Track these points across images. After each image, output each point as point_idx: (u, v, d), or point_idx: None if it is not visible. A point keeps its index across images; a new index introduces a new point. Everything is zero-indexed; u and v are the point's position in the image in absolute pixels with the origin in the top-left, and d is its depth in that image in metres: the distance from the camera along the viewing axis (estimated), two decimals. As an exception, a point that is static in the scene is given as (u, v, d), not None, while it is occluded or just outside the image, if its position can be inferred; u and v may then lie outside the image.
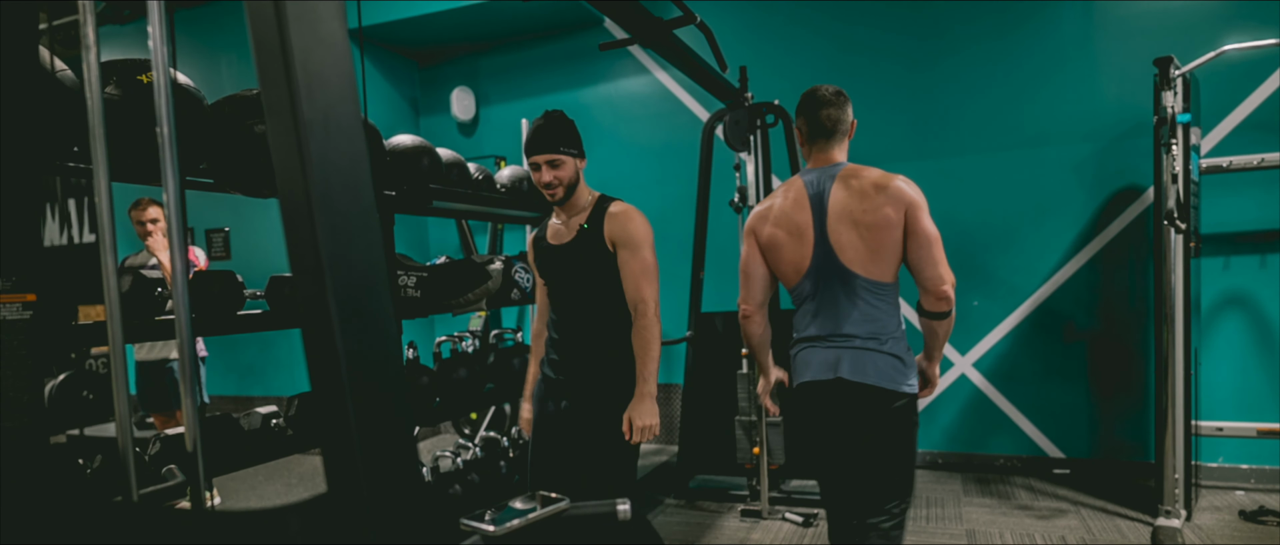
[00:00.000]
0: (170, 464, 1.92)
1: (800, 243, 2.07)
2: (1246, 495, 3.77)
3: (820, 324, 2.07)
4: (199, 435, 1.39)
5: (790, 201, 2.09)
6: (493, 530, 1.12)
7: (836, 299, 2.05)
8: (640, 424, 2.05)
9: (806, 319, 2.11)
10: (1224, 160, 3.60)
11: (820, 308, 2.08)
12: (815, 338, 2.08)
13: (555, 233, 2.29)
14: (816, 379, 2.04)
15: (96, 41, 1.30)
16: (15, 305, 1.07)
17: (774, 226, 2.11)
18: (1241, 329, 3.92)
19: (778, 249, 2.11)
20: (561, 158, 2.20)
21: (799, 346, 2.13)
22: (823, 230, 2.04)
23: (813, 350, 2.08)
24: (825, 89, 2.11)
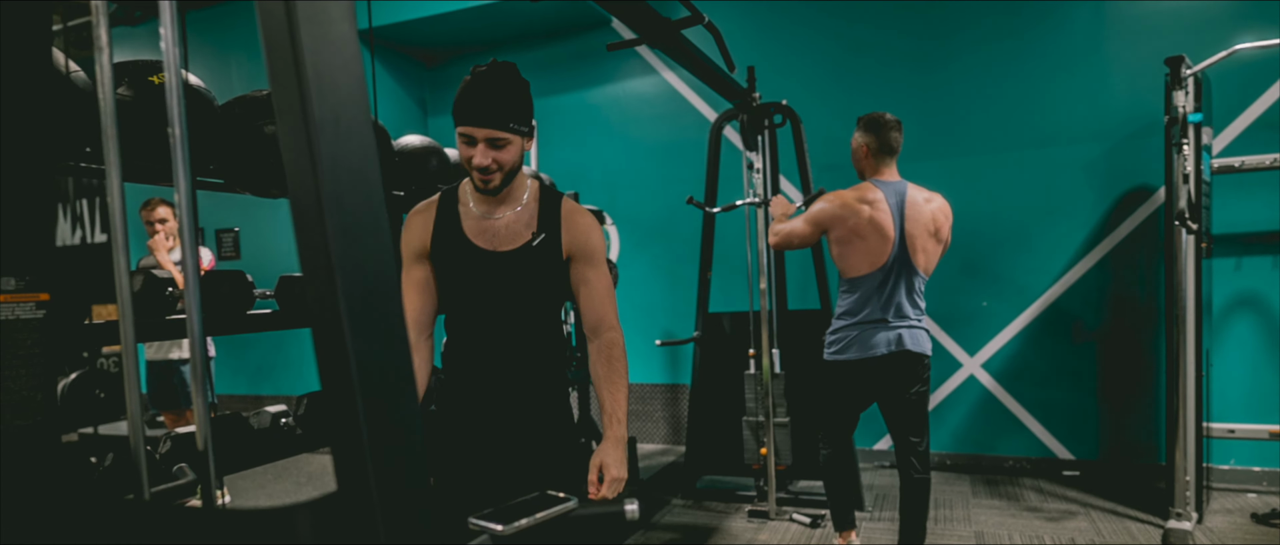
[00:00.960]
0: (181, 462, 1.93)
1: (883, 242, 2.65)
2: (1259, 498, 3.74)
3: (884, 309, 2.69)
4: (209, 434, 1.40)
5: (875, 207, 2.65)
6: (501, 529, 1.12)
7: (899, 289, 2.69)
8: (614, 475, 1.56)
9: (871, 303, 2.69)
10: (1236, 160, 3.58)
11: (886, 296, 2.68)
12: (880, 322, 2.69)
13: (481, 231, 1.68)
14: (887, 352, 2.68)
15: (109, 43, 1.31)
16: (29, 304, 1.08)
17: (862, 221, 2.64)
18: (1253, 330, 3.89)
19: (860, 239, 2.66)
20: (508, 137, 1.61)
21: (861, 326, 2.71)
22: (902, 236, 2.66)
23: (878, 331, 2.69)
24: (890, 115, 2.75)
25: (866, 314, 2.70)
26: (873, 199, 2.66)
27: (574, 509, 1.21)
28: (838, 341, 2.79)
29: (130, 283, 1.34)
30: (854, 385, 2.79)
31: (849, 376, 2.77)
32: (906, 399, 2.76)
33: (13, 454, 1.05)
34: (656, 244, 5.34)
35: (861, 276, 2.70)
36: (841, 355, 2.76)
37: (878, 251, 2.66)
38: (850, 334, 2.73)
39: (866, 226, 2.64)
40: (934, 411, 4.60)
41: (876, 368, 2.71)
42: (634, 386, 5.44)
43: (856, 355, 2.71)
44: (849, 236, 2.68)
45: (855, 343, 2.71)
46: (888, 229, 2.64)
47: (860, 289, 2.71)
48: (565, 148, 5.56)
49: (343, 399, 0.64)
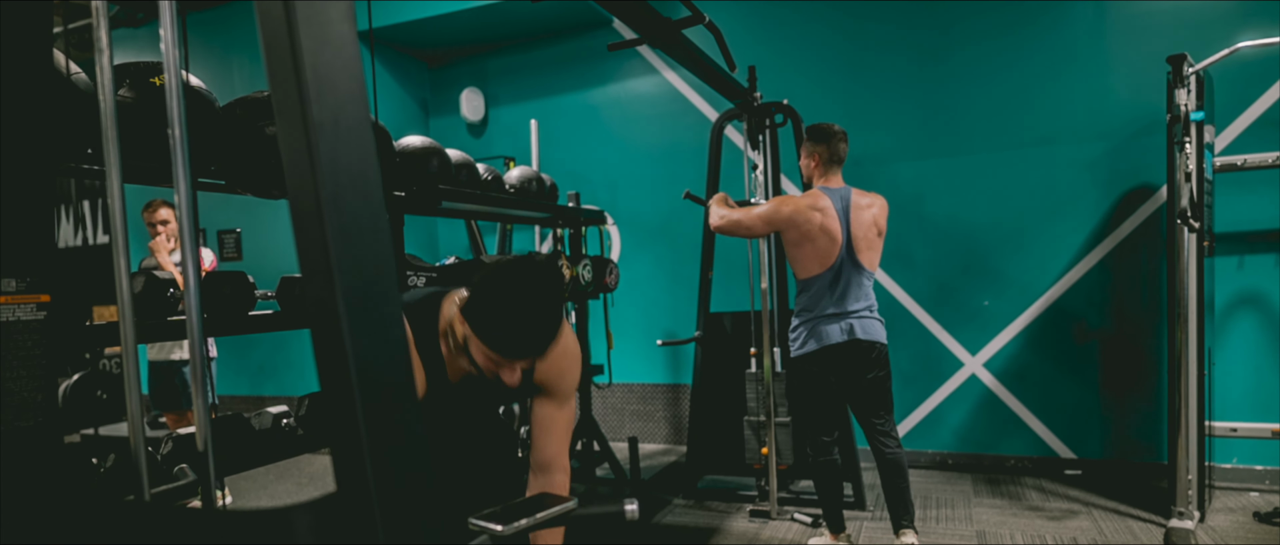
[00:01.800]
0: (182, 463, 1.93)
1: (831, 245, 2.86)
2: (1261, 497, 3.73)
3: (836, 303, 2.89)
4: (210, 435, 1.40)
5: (825, 214, 2.85)
6: (501, 529, 1.12)
7: (849, 285, 2.89)
8: None
9: (823, 299, 2.89)
10: (1238, 158, 3.57)
11: (838, 293, 2.88)
12: (833, 314, 2.89)
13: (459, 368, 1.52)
14: (841, 341, 2.87)
15: (109, 44, 1.31)
16: (30, 306, 1.08)
17: (814, 227, 2.84)
18: (1256, 329, 3.89)
19: (810, 242, 2.86)
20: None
21: (816, 320, 2.90)
22: (849, 238, 2.88)
23: (832, 323, 2.89)
24: (838, 126, 3.03)
25: (820, 309, 2.91)
26: (822, 206, 2.86)
27: (574, 509, 1.21)
28: (798, 337, 2.98)
29: (131, 284, 1.35)
30: (817, 374, 2.94)
31: (812, 367, 2.94)
32: (864, 383, 2.93)
33: (14, 455, 1.05)
34: (658, 244, 5.34)
35: (813, 276, 2.91)
36: (803, 349, 2.95)
37: (827, 253, 2.87)
38: (807, 329, 2.94)
39: (817, 231, 2.85)
40: (936, 411, 4.60)
41: (833, 355, 2.89)
42: (636, 386, 5.44)
43: (815, 346, 2.91)
44: (801, 240, 2.88)
45: (813, 335, 2.92)
46: (836, 233, 2.86)
47: (812, 287, 2.92)
48: (566, 147, 5.57)
49: (342, 399, 0.64)
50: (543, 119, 5.55)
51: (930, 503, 3.88)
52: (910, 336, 4.62)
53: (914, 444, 4.65)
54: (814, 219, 2.85)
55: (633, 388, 5.44)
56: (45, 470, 1.09)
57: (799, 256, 2.93)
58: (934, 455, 4.59)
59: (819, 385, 2.97)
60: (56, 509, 0.87)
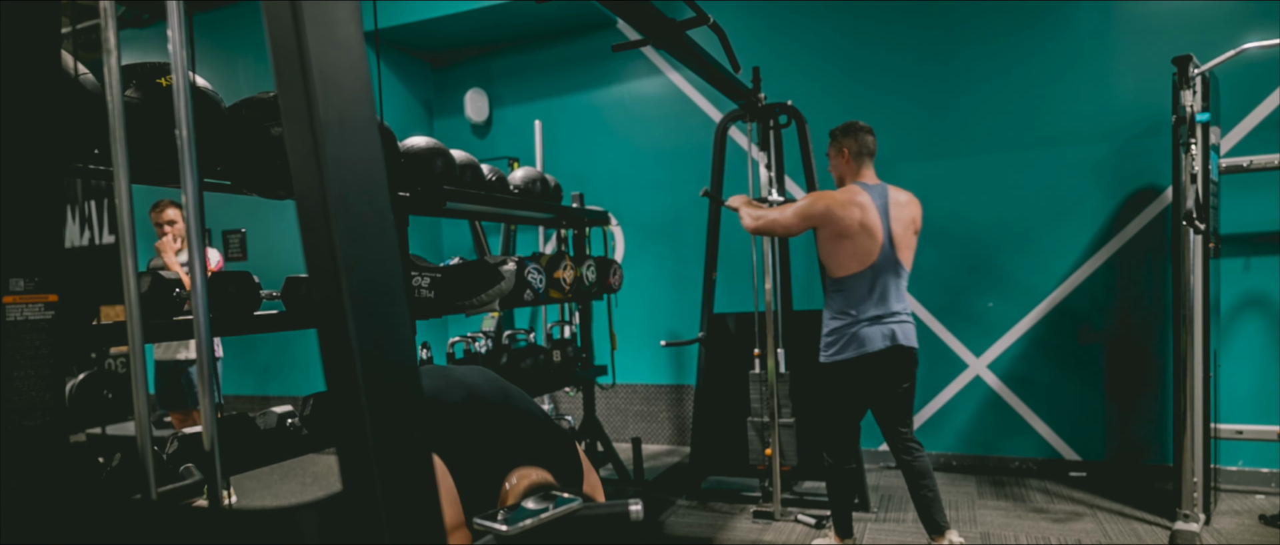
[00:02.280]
0: (188, 462, 1.94)
1: (872, 242, 2.75)
2: (1266, 499, 3.72)
3: (878, 304, 2.78)
4: (216, 434, 1.41)
5: (864, 210, 2.75)
6: (505, 530, 1.12)
7: (889, 286, 2.80)
8: None
9: (863, 300, 2.78)
10: (1244, 160, 3.56)
11: (878, 293, 2.78)
12: (875, 318, 2.77)
13: None
14: (884, 347, 2.76)
15: (117, 45, 1.32)
16: (37, 305, 1.09)
17: (853, 223, 2.73)
18: (1262, 330, 3.87)
19: (849, 239, 2.76)
20: None
21: (856, 324, 2.79)
22: (890, 236, 2.78)
23: (873, 327, 2.77)
24: (862, 122, 2.93)
25: (860, 311, 2.79)
26: (862, 202, 2.76)
27: (578, 509, 1.21)
28: (835, 342, 2.85)
29: (138, 284, 1.35)
30: (854, 383, 2.84)
31: (849, 375, 2.84)
32: (899, 391, 2.85)
33: (21, 454, 1.06)
34: (661, 244, 5.34)
35: (850, 275, 2.80)
36: (840, 355, 2.83)
37: (867, 251, 2.76)
38: (846, 334, 2.81)
39: (856, 228, 2.74)
40: (940, 412, 4.59)
41: (873, 363, 2.79)
42: (639, 387, 5.44)
43: (855, 353, 2.79)
44: (837, 236, 2.78)
45: (852, 342, 2.80)
46: (877, 230, 2.75)
47: (848, 288, 2.81)
48: (571, 148, 5.57)
49: (348, 399, 0.64)
50: (547, 120, 5.56)
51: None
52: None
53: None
54: (852, 214, 2.74)
55: (636, 388, 5.44)
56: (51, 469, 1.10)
57: (835, 253, 2.82)
58: (938, 457, 4.58)
59: (854, 393, 2.87)
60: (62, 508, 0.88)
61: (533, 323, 5.71)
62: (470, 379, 1.58)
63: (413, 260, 2.82)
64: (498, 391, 1.57)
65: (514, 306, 3.32)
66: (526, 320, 5.74)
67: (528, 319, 5.74)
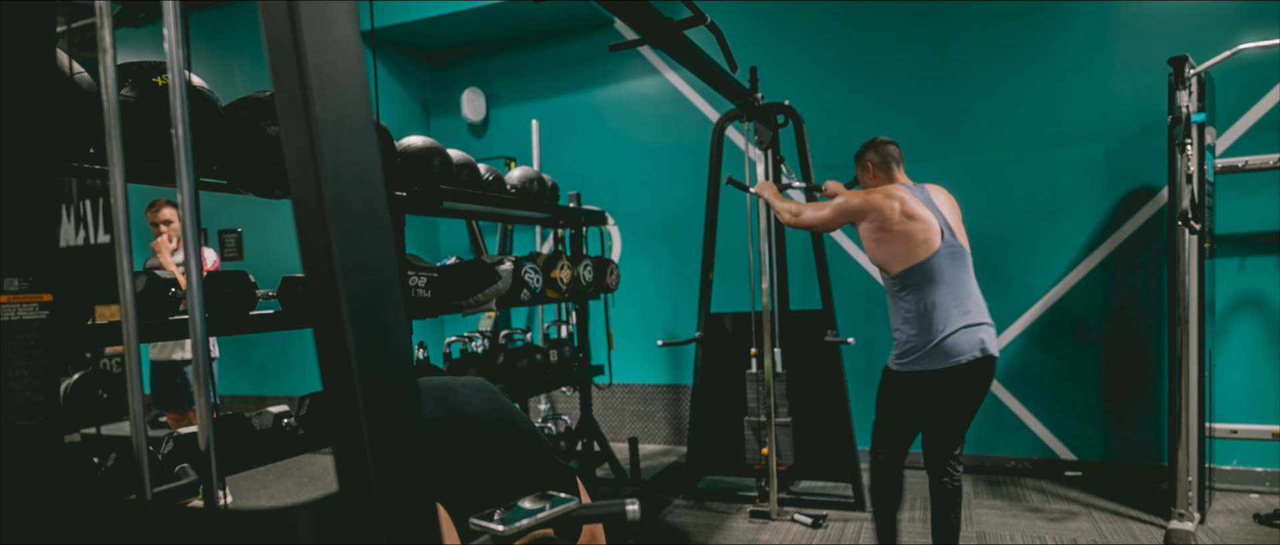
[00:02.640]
0: (183, 463, 1.93)
1: (925, 228, 2.51)
2: (1261, 498, 3.73)
3: (961, 303, 2.49)
4: (212, 434, 1.40)
5: (904, 200, 2.54)
6: (502, 530, 1.12)
7: (966, 276, 2.55)
8: None
9: (944, 301, 2.48)
10: (1239, 160, 3.57)
11: (960, 287, 2.51)
12: (966, 326, 2.47)
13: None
14: (973, 359, 2.45)
15: (113, 44, 1.32)
16: (32, 305, 1.08)
17: (896, 213, 2.52)
18: (1257, 330, 3.89)
19: (898, 230, 2.51)
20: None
21: (942, 331, 2.45)
22: (944, 221, 2.56)
23: (963, 335, 2.46)
24: (882, 137, 2.80)
25: (945, 313, 2.47)
26: (900, 194, 2.56)
27: (575, 510, 1.21)
28: (915, 350, 2.51)
29: (133, 283, 1.35)
30: (931, 397, 2.53)
31: (925, 388, 2.51)
32: (971, 407, 2.56)
33: (16, 454, 1.05)
34: (658, 244, 5.34)
35: (913, 267, 2.50)
36: (917, 366, 2.50)
37: (924, 239, 2.50)
38: (927, 339, 2.48)
39: (899, 217, 2.51)
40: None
41: (960, 376, 2.45)
42: (636, 387, 5.44)
43: (937, 364, 2.46)
44: (881, 229, 2.55)
45: (935, 351, 2.46)
46: (926, 216, 2.53)
47: (917, 284, 2.51)
48: (568, 148, 5.57)
49: (344, 399, 0.64)
50: (544, 119, 5.56)
51: (929, 504, 3.87)
52: (911, 337, 4.62)
53: (914, 445, 4.65)
54: (892, 205, 2.52)
55: (633, 388, 5.44)
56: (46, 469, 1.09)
57: (886, 246, 2.55)
58: (934, 456, 4.59)
59: (928, 408, 2.57)
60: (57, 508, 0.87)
61: (530, 322, 5.70)
62: (473, 407, 1.53)
63: (409, 260, 2.82)
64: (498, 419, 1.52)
65: (511, 306, 3.32)
66: (523, 320, 5.73)
67: (525, 319, 5.74)
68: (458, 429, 1.47)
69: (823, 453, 3.89)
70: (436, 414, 1.49)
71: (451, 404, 1.52)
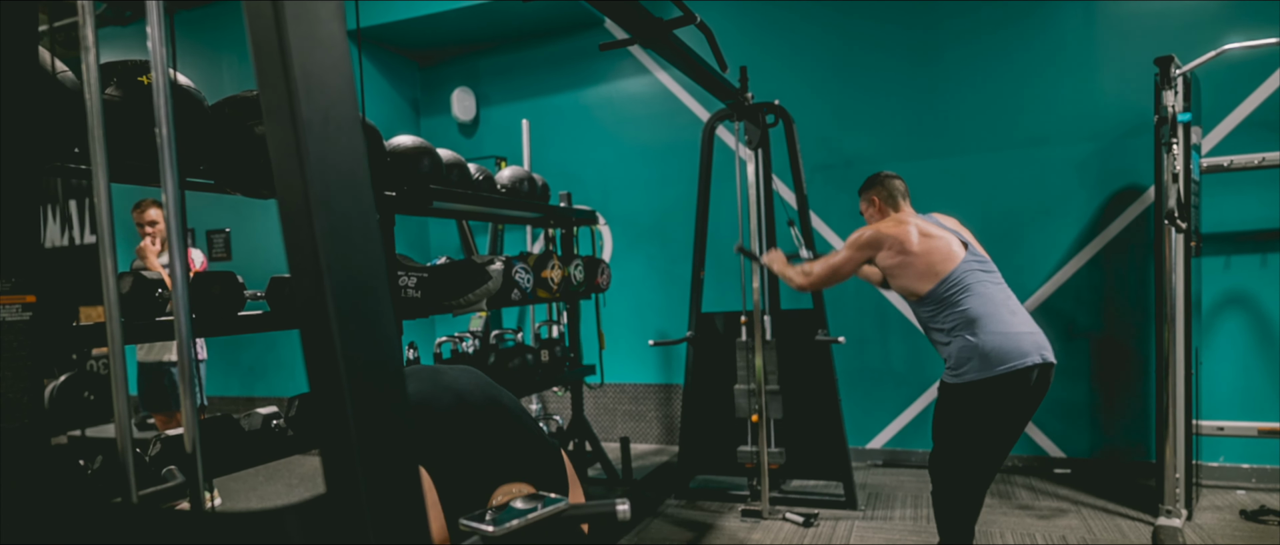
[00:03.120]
0: (170, 465, 1.92)
1: (943, 244, 2.45)
2: (1247, 494, 3.77)
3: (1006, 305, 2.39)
4: (198, 436, 1.39)
5: (915, 224, 2.50)
6: (492, 530, 1.12)
7: (1000, 288, 2.44)
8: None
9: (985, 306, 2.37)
10: (1225, 159, 3.60)
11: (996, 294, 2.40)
12: (1020, 333, 2.34)
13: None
14: (1041, 362, 2.32)
15: (96, 43, 1.30)
16: (15, 306, 1.07)
17: (905, 239, 2.47)
18: (1242, 328, 3.92)
19: (916, 252, 2.45)
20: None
21: (996, 334, 2.33)
22: (961, 237, 2.52)
23: (1020, 339, 2.32)
24: (886, 171, 2.77)
25: (993, 316, 2.36)
26: (909, 220, 2.54)
27: (565, 510, 1.21)
28: (969, 357, 2.35)
29: (118, 284, 1.34)
30: (1001, 407, 2.35)
31: (989, 397, 2.33)
32: (1026, 423, 2.45)
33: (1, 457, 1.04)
34: (650, 243, 5.34)
35: (943, 280, 2.42)
36: (978, 373, 2.32)
37: (945, 254, 2.44)
38: (982, 343, 2.32)
39: (916, 238, 2.46)
40: (926, 410, 4.62)
41: (1022, 384, 2.30)
42: (627, 387, 5.44)
43: (998, 368, 2.29)
44: (905, 249, 2.47)
45: (994, 353, 2.31)
46: (941, 232, 2.49)
47: (953, 297, 2.40)
48: (558, 148, 5.56)
49: (331, 400, 0.63)
50: (534, 119, 5.54)
51: (922, 502, 3.89)
52: (900, 336, 4.64)
53: (905, 444, 4.67)
54: (905, 230, 2.47)
55: (624, 388, 5.44)
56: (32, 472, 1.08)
57: (910, 270, 2.47)
58: (924, 455, 4.61)
59: (1000, 422, 2.39)
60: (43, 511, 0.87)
61: (520, 322, 5.69)
62: (459, 384, 1.56)
63: (399, 260, 2.81)
64: (486, 398, 1.55)
65: (501, 306, 3.31)
66: (514, 320, 5.72)
67: (515, 319, 5.72)
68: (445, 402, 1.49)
69: (814, 452, 3.90)
70: (422, 389, 1.51)
71: (437, 381, 1.55)
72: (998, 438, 2.43)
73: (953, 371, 2.41)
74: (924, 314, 2.52)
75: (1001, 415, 2.37)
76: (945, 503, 2.51)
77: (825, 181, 4.76)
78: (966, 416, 2.40)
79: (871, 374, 4.70)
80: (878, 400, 4.70)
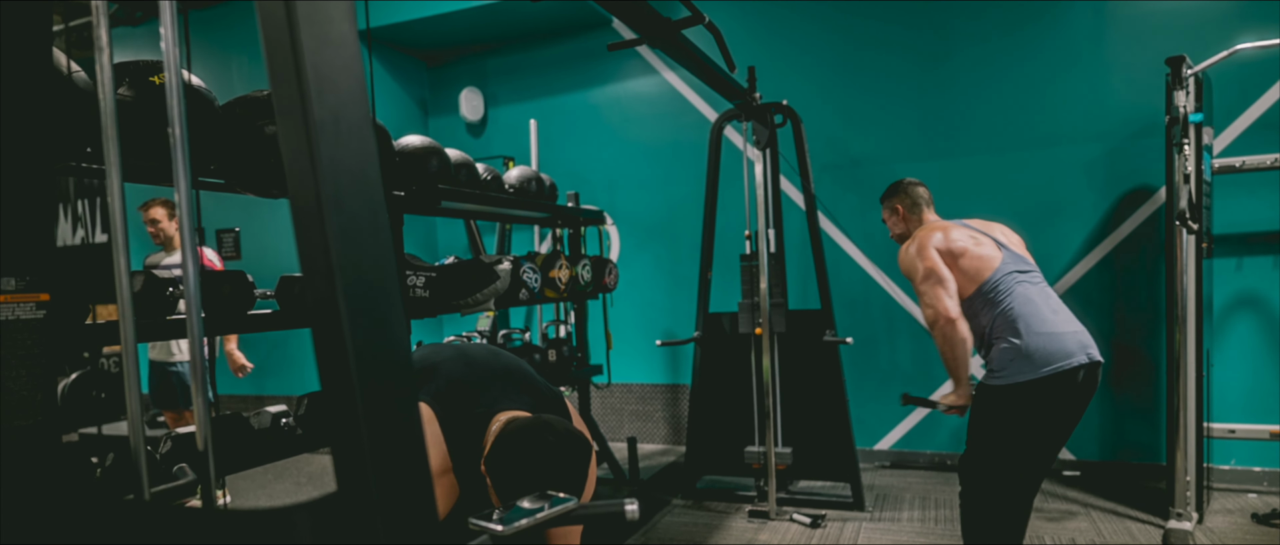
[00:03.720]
0: (181, 463, 1.93)
1: (980, 246, 2.39)
2: (1259, 498, 3.74)
3: (1050, 307, 2.33)
4: (210, 434, 1.40)
5: (945, 229, 2.44)
6: (501, 529, 1.12)
7: (1042, 289, 2.37)
8: None
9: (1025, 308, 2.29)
10: (1237, 160, 3.58)
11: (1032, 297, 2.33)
12: (1065, 333, 2.27)
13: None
14: (1088, 361, 2.25)
15: (109, 43, 1.31)
16: (29, 304, 1.08)
17: (953, 245, 2.39)
18: (1254, 330, 3.89)
19: (963, 253, 2.38)
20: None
21: (1039, 335, 2.26)
22: (993, 238, 2.45)
23: (1065, 340, 2.26)
24: (907, 178, 2.71)
25: (1035, 314, 2.29)
26: (942, 225, 2.48)
27: (573, 509, 1.21)
28: (1011, 359, 2.27)
29: (130, 283, 1.34)
30: (1048, 410, 2.26)
31: (1032, 400, 2.24)
32: (1073, 427, 2.34)
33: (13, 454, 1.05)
34: (657, 244, 5.34)
35: (982, 283, 2.35)
36: (1021, 375, 2.24)
37: (984, 257, 2.36)
38: (1025, 343, 2.25)
39: (962, 243, 2.39)
40: (932, 413, 4.60)
41: (1068, 385, 2.21)
42: (634, 387, 5.44)
43: (1042, 369, 2.21)
44: (958, 250, 2.40)
45: (1037, 353, 2.23)
46: (977, 239, 2.41)
47: (993, 298, 2.33)
48: (566, 147, 5.56)
49: (343, 399, 0.64)
50: (542, 119, 5.55)
51: (929, 504, 3.88)
52: (908, 337, 4.62)
53: (913, 445, 4.66)
54: (952, 235, 2.40)
55: (631, 388, 5.44)
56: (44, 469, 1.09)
57: (965, 266, 2.40)
58: (932, 456, 4.59)
59: (1047, 426, 2.29)
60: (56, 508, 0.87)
61: (528, 322, 5.70)
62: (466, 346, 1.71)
63: (408, 259, 2.81)
64: (487, 351, 1.68)
65: (509, 306, 3.31)
66: (522, 320, 5.73)
67: (523, 318, 5.73)
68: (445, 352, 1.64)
69: (822, 452, 3.89)
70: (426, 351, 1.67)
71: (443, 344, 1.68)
72: (1041, 443, 2.33)
73: (993, 373, 2.33)
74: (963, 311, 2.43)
75: (1046, 418, 2.27)
76: (976, 506, 2.42)
77: (833, 182, 4.75)
78: (1007, 420, 2.30)
79: (879, 375, 4.69)
80: (886, 401, 4.68)
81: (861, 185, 4.70)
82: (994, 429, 2.34)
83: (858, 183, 4.72)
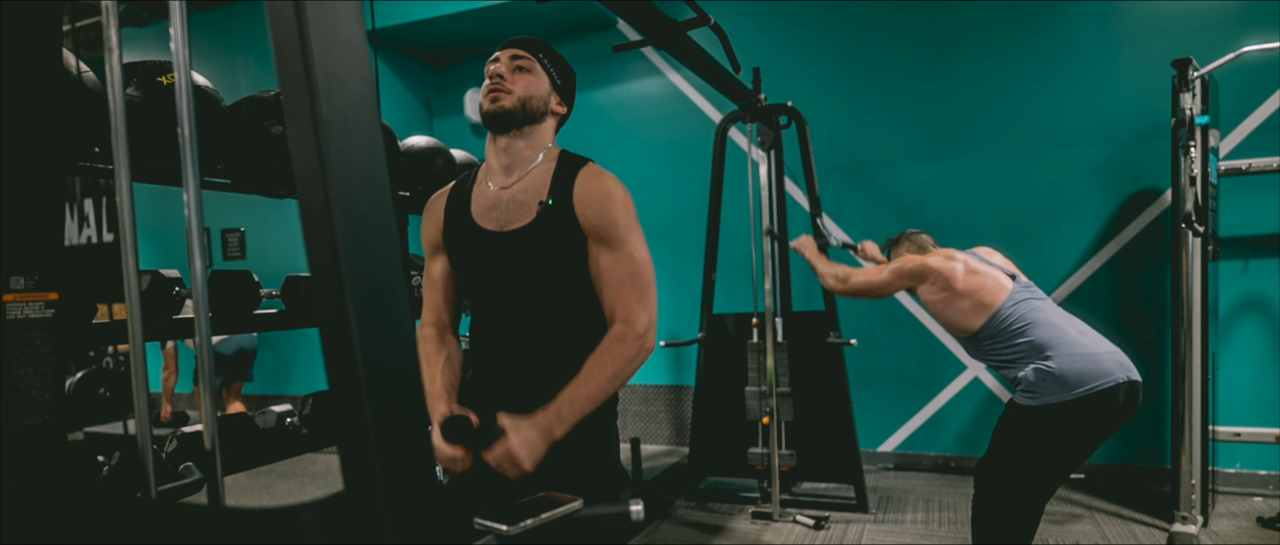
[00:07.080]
0: (187, 461, 1.94)
1: (988, 278, 2.39)
2: (1264, 501, 3.72)
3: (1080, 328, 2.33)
4: (217, 433, 1.41)
5: (950, 256, 2.47)
6: (506, 529, 1.12)
7: (1062, 313, 2.39)
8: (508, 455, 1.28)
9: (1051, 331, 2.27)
10: (1243, 162, 3.56)
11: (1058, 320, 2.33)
12: (1100, 353, 2.23)
13: (490, 208, 1.49)
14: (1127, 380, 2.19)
15: (119, 43, 1.32)
16: (38, 303, 1.08)
17: (951, 273, 2.41)
18: (1260, 333, 3.88)
19: (961, 287, 2.39)
20: (534, 63, 1.53)
21: (1073, 356, 2.21)
22: (1005, 270, 2.47)
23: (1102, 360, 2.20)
24: (909, 229, 2.76)
25: (1062, 335, 2.26)
26: (951, 253, 2.49)
27: (579, 509, 1.21)
28: (1043, 379, 2.20)
29: (138, 282, 1.35)
30: (1080, 432, 2.20)
31: (1066, 423, 2.18)
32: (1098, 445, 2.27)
33: (22, 452, 1.06)
34: (661, 245, 5.34)
35: (996, 312, 2.34)
36: (1055, 395, 2.17)
37: (996, 284, 2.37)
38: (1057, 363, 2.19)
39: (966, 273, 2.39)
40: (939, 414, 4.59)
41: (1108, 405, 2.14)
42: (638, 387, 5.44)
43: (1077, 389, 2.15)
44: (950, 285, 2.40)
45: (1071, 374, 2.17)
46: (987, 267, 2.42)
47: (1012, 324, 2.31)
48: (570, 148, 5.56)
49: (350, 399, 0.64)
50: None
51: (933, 506, 3.87)
52: (912, 339, 4.62)
53: (917, 447, 4.65)
54: (953, 267, 2.40)
55: (635, 389, 5.44)
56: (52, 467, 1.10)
57: (955, 305, 2.41)
58: (936, 458, 4.59)
59: (1074, 449, 2.23)
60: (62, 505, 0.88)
61: (532, 323, 5.70)
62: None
63: (414, 260, 2.82)
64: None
65: (513, 306, 3.31)
66: (525, 320, 5.73)
67: (527, 319, 5.73)
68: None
69: (825, 454, 3.89)
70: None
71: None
72: (1068, 460, 2.28)
73: (1027, 393, 2.26)
74: (979, 350, 2.43)
75: (1080, 439, 2.22)
76: (989, 511, 2.38)
77: (838, 183, 4.74)
78: (1038, 439, 2.24)
79: (883, 377, 4.68)
80: (889, 403, 4.67)
81: (866, 187, 4.69)
82: (1022, 445, 2.29)
83: (863, 185, 4.71)
